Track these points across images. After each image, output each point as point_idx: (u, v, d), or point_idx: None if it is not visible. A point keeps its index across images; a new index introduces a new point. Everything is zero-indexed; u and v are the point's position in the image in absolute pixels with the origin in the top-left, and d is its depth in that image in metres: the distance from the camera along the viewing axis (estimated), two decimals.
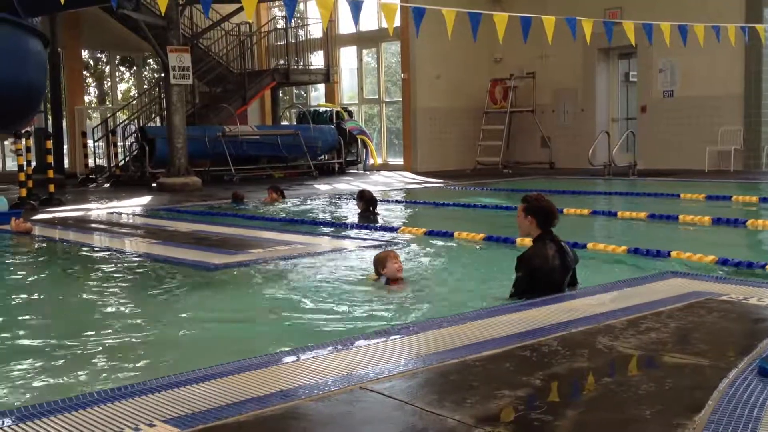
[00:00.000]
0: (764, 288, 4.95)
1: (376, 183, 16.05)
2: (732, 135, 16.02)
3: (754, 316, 4.26)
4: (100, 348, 4.35)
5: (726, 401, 2.93)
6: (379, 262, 5.72)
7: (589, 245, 7.01)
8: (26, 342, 4.54)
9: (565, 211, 9.93)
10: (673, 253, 6.49)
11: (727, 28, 9.94)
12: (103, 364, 4.04)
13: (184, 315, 5.13)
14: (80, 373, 3.89)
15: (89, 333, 4.68)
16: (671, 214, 9.10)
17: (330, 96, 22.25)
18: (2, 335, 4.71)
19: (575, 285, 5.20)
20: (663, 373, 3.33)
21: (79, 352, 4.29)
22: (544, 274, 4.93)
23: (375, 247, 7.49)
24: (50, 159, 13.85)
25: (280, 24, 22.30)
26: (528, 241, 7.41)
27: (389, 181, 16.56)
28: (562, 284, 5.03)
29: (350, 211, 10.96)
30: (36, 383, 3.73)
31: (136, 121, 19.79)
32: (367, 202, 9.96)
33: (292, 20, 20.18)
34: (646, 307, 4.45)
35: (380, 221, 9.64)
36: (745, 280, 5.32)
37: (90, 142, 20.03)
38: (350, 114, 20.93)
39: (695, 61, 15.97)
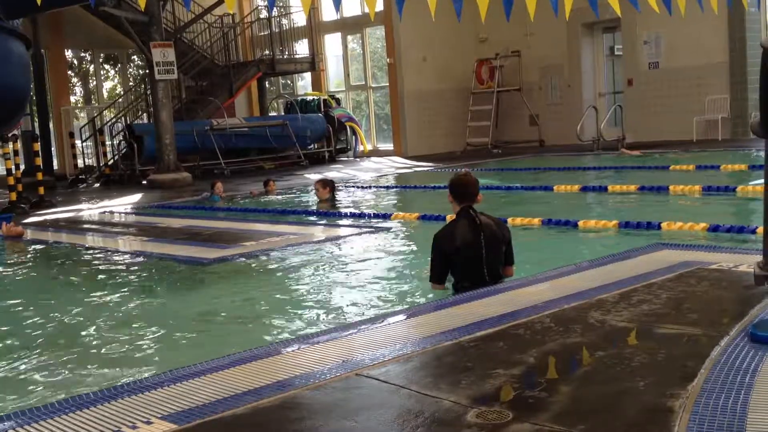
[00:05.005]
0: (753, 255, 4.97)
1: (367, 170, 16.02)
2: (719, 104, 16.03)
3: (744, 283, 4.28)
4: (97, 348, 4.36)
5: (718, 369, 2.96)
6: None
7: (580, 222, 7.05)
8: (22, 344, 4.54)
9: (555, 188, 9.98)
10: (664, 225, 6.52)
11: None
12: (99, 363, 4.05)
13: (179, 311, 5.14)
14: (77, 373, 3.90)
15: (84, 333, 4.70)
16: (661, 185, 9.13)
17: (316, 84, 22.18)
18: None
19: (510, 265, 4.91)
20: (656, 344, 3.36)
21: (75, 352, 4.30)
22: (454, 252, 4.69)
23: (368, 233, 7.51)
24: (39, 161, 13.80)
25: (263, 14, 22.17)
26: (536, 221, 7.35)
27: (380, 167, 16.53)
28: (482, 260, 4.69)
29: (341, 199, 10.96)
30: (33, 385, 3.74)
31: (123, 119, 19.70)
32: (332, 188, 10.45)
33: (275, 9, 20.05)
34: (636, 280, 4.48)
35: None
36: (735, 248, 5.36)
37: (78, 143, 19.93)
38: (338, 101, 20.87)
39: (679, 32, 15.94)
